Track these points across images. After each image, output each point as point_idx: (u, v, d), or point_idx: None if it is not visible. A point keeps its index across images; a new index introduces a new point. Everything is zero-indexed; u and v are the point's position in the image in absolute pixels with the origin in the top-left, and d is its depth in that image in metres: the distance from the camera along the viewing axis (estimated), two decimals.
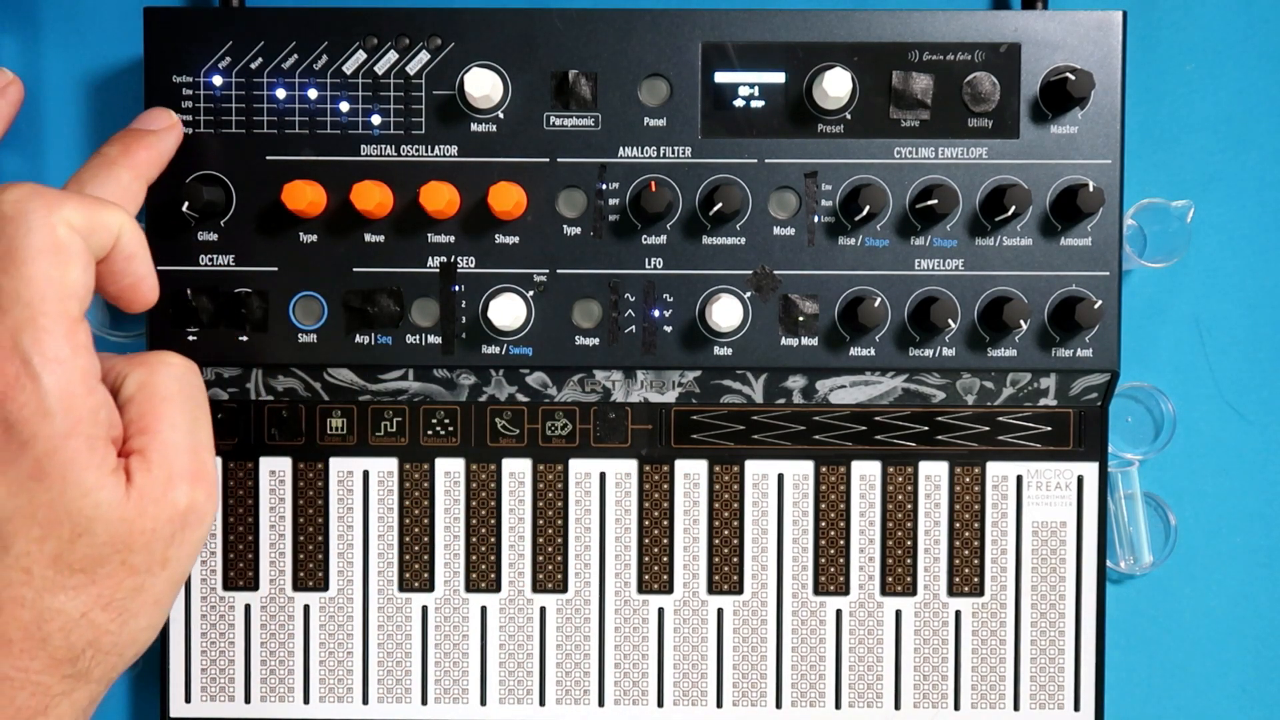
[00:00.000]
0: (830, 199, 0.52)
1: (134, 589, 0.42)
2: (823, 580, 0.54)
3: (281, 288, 0.52)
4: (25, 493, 0.40)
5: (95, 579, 0.41)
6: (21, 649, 0.41)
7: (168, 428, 0.43)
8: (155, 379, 0.44)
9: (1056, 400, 0.53)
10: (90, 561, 0.41)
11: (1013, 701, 0.54)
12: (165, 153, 0.49)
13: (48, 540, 0.40)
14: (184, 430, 0.43)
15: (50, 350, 0.40)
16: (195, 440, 0.44)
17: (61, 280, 0.40)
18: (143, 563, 0.42)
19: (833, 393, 0.53)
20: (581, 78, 0.51)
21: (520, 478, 0.54)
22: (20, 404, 0.39)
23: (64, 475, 0.40)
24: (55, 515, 0.40)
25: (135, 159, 0.47)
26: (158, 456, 0.42)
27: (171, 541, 0.43)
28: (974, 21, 0.51)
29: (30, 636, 0.41)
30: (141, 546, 0.42)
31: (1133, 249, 0.55)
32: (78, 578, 0.41)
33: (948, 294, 0.52)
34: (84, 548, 0.41)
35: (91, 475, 0.40)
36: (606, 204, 0.52)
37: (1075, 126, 0.51)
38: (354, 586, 0.54)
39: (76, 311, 0.41)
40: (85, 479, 0.40)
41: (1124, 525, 0.56)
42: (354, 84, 0.52)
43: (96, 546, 0.41)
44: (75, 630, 0.41)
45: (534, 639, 0.54)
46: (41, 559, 0.40)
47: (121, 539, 0.41)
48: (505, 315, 0.51)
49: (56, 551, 0.41)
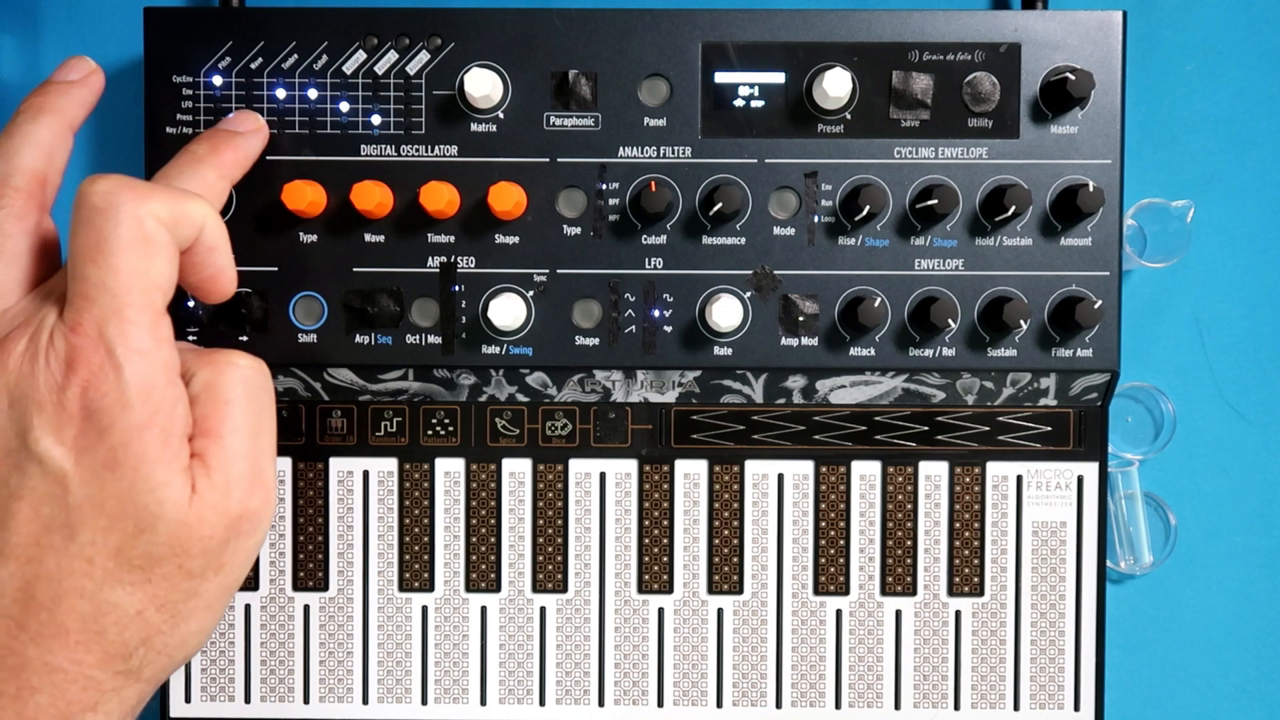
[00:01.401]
0: (830, 199, 0.52)
1: (188, 593, 0.43)
2: (823, 580, 0.54)
3: (281, 288, 0.52)
4: (97, 481, 0.41)
5: (152, 578, 0.42)
6: (78, 640, 0.41)
7: (229, 431, 0.43)
8: (221, 380, 0.44)
9: (1056, 400, 0.53)
10: (149, 560, 0.41)
11: (1013, 701, 0.54)
12: (250, 154, 0.50)
13: (112, 532, 0.41)
14: (246, 435, 0.44)
15: (134, 341, 0.40)
16: (256, 446, 0.44)
17: (147, 272, 0.41)
18: (198, 567, 0.42)
19: (833, 393, 0.53)
20: (581, 78, 0.51)
21: (520, 478, 0.54)
22: (103, 392, 0.40)
23: (136, 468, 0.41)
24: (122, 508, 0.41)
25: (221, 158, 0.48)
26: (217, 462, 0.43)
27: (226, 547, 0.43)
28: (974, 21, 0.51)
29: (87, 629, 0.41)
30: (198, 552, 0.42)
31: (1133, 249, 0.55)
32: (136, 574, 0.41)
33: (948, 294, 0.52)
34: (145, 544, 0.41)
35: (161, 471, 0.41)
36: (606, 204, 0.52)
37: (1075, 126, 0.51)
38: (354, 586, 0.54)
39: (160, 304, 0.41)
40: (155, 474, 0.41)
41: (1124, 525, 0.56)
42: (354, 84, 0.52)
43: (157, 545, 0.41)
44: (130, 627, 0.42)
45: (534, 639, 0.54)
46: (105, 550, 0.41)
47: (180, 541, 0.42)
48: (505, 315, 0.51)
49: (119, 545, 0.41)
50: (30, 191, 0.45)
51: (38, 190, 0.45)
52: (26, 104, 0.47)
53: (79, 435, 0.40)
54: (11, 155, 0.45)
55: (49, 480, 0.40)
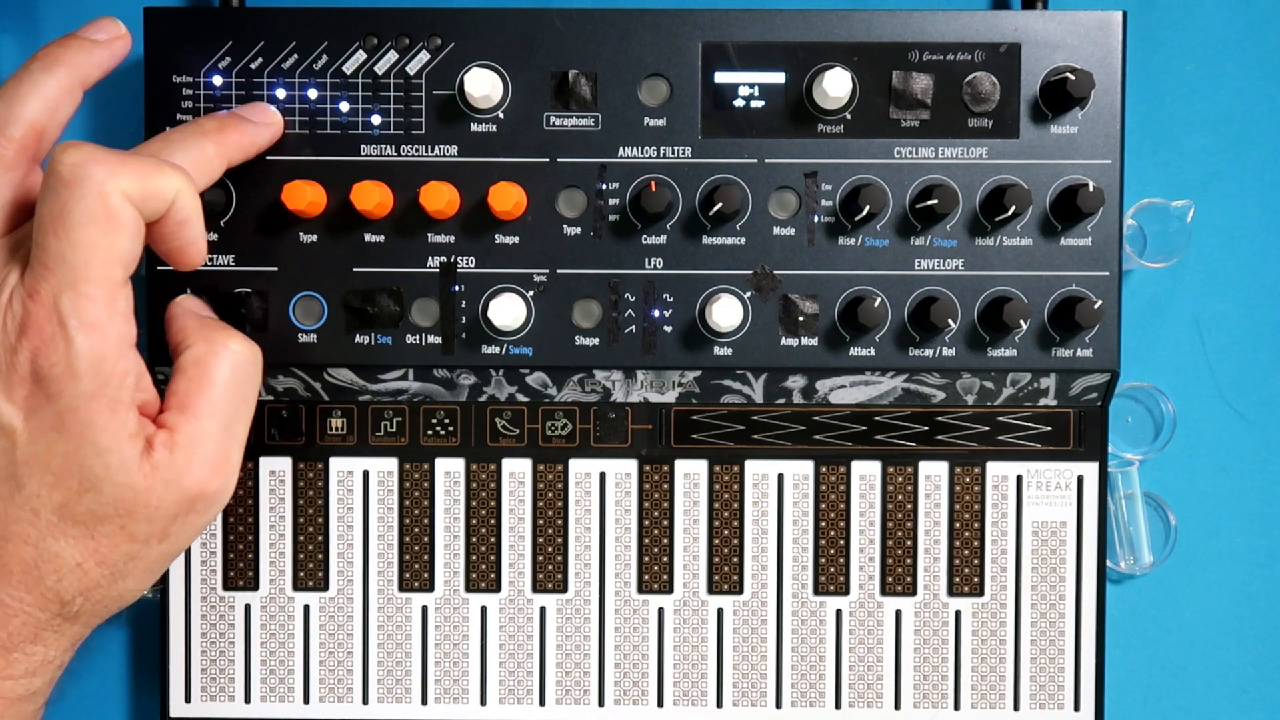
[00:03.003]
0: (830, 199, 0.52)
1: (129, 554, 0.44)
2: (823, 580, 0.54)
3: (281, 288, 0.52)
4: (44, 440, 0.42)
5: (94, 534, 0.43)
6: (19, 581, 0.43)
7: (206, 413, 0.45)
8: (212, 359, 0.45)
9: (1056, 400, 0.53)
10: (92, 517, 0.43)
11: (1013, 701, 0.54)
12: (257, 143, 0.50)
13: (57, 488, 0.42)
14: (221, 418, 0.45)
15: (88, 315, 0.41)
16: (229, 432, 0.45)
17: (109, 248, 0.41)
18: (142, 532, 0.44)
19: (833, 393, 0.53)
20: (581, 78, 0.51)
21: (520, 478, 0.54)
22: (52, 361, 0.41)
23: (81, 432, 0.42)
24: (68, 466, 0.42)
25: (226, 138, 0.48)
26: (185, 439, 0.44)
27: (174, 520, 0.44)
28: (974, 21, 0.51)
29: (28, 572, 0.43)
30: (144, 517, 0.44)
31: (1133, 249, 0.55)
32: (79, 529, 0.43)
33: (948, 294, 0.52)
34: (89, 502, 0.43)
35: (107, 438, 0.42)
36: (606, 204, 0.52)
37: (1075, 126, 0.51)
38: (354, 586, 0.54)
39: (120, 277, 0.42)
40: (101, 439, 0.42)
41: (1124, 525, 0.56)
42: (354, 84, 0.52)
43: (101, 504, 0.43)
44: (69, 576, 0.43)
45: (534, 639, 0.54)
46: (49, 504, 0.42)
47: (125, 504, 0.43)
48: (505, 315, 0.51)
49: (63, 500, 0.42)
50: (24, 143, 0.45)
51: (33, 142, 0.45)
52: (44, 52, 0.47)
53: (28, 396, 0.42)
54: (16, 102, 0.45)
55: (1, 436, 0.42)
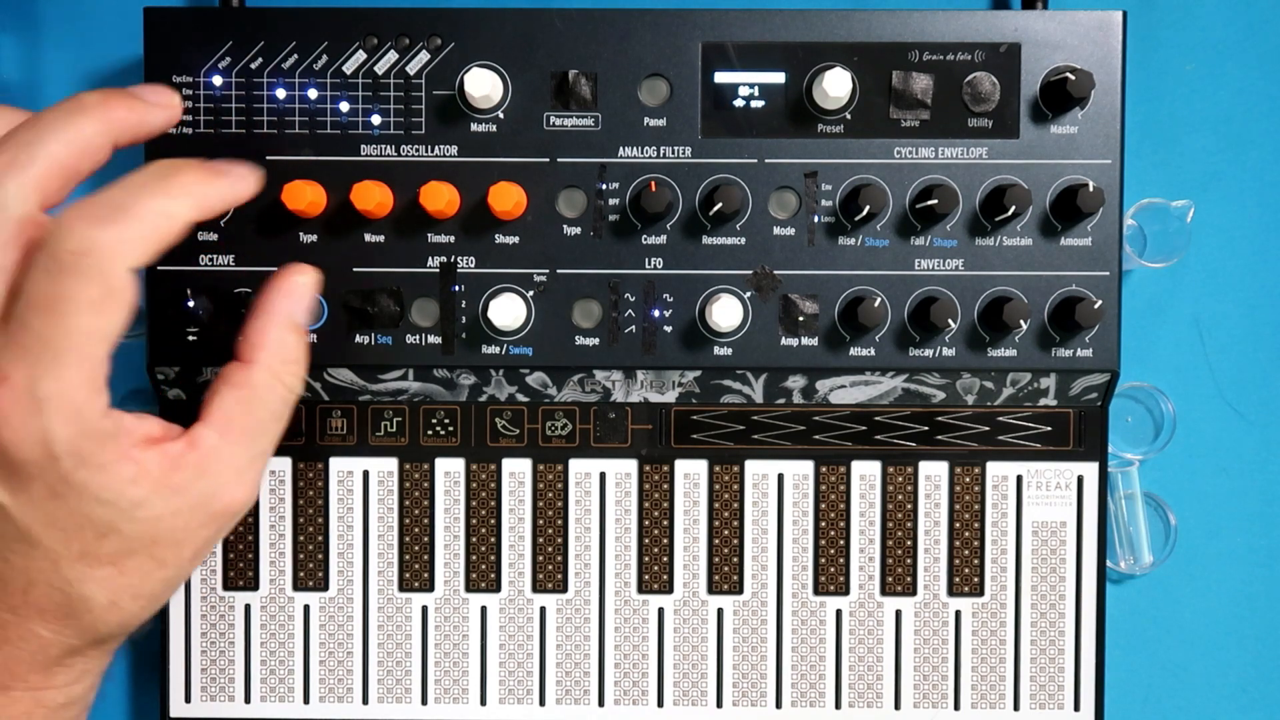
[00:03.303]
0: (830, 199, 0.52)
1: (162, 580, 0.43)
2: (823, 580, 0.54)
3: None
4: (42, 508, 0.40)
5: (124, 571, 0.42)
6: (53, 617, 0.42)
7: (244, 441, 0.43)
8: (267, 392, 0.43)
9: (1056, 400, 0.53)
10: (118, 555, 0.42)
11: (1013, 701, 0.54)
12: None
13: (73, 541, 0.41)
14: (257, 448, 0.43)
15: (66, 399, 0.38)
16: (255, 450, 0.43)
17: (104, 329, 0.38)
18: (171, 556, 0.43)
19: (833, 393, 0.53)
20: (581, 78, 0.51)
21: (520, 478, 0.54)
22: (28, 446, 0.39)
23: (80, 493, 0.40)
24: (77, 521, 0.40)
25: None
26: (215, 464, 0.42)
27: (197, 535, 0.43)
28: (974, 21, 0.51)
29: (61, 613, 0.42)
30: (169, 541, 0.42)
31: (1133, 249, 0.55)
32: (107, 569, 0.42)
33: (948, 294, 0.52)
34: (111, 545, 0.41)
35: (109, 492, 0.40)
36: (606, 204, 0.52)
37: (1075, 126, 0.51)
38: (354, 586, 0.54)
39: (104, 353, 0.39)
40: (104, 495, 0.40)
41: (1124, 525, 0.56)
42: (354, 84, 0.52)
43: (125, 542, 0.41)
44: (105, 615, 0.42)
45: (534, 639, 0.54)
46: (69, 555, 0.41)
47: (150, 535, 0.42)
48: (505, 315, 0.51)
49: (83, 549, 0.41)
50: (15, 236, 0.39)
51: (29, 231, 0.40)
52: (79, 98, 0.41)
53: (9, 476, 0.40)
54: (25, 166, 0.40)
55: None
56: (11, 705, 0.43)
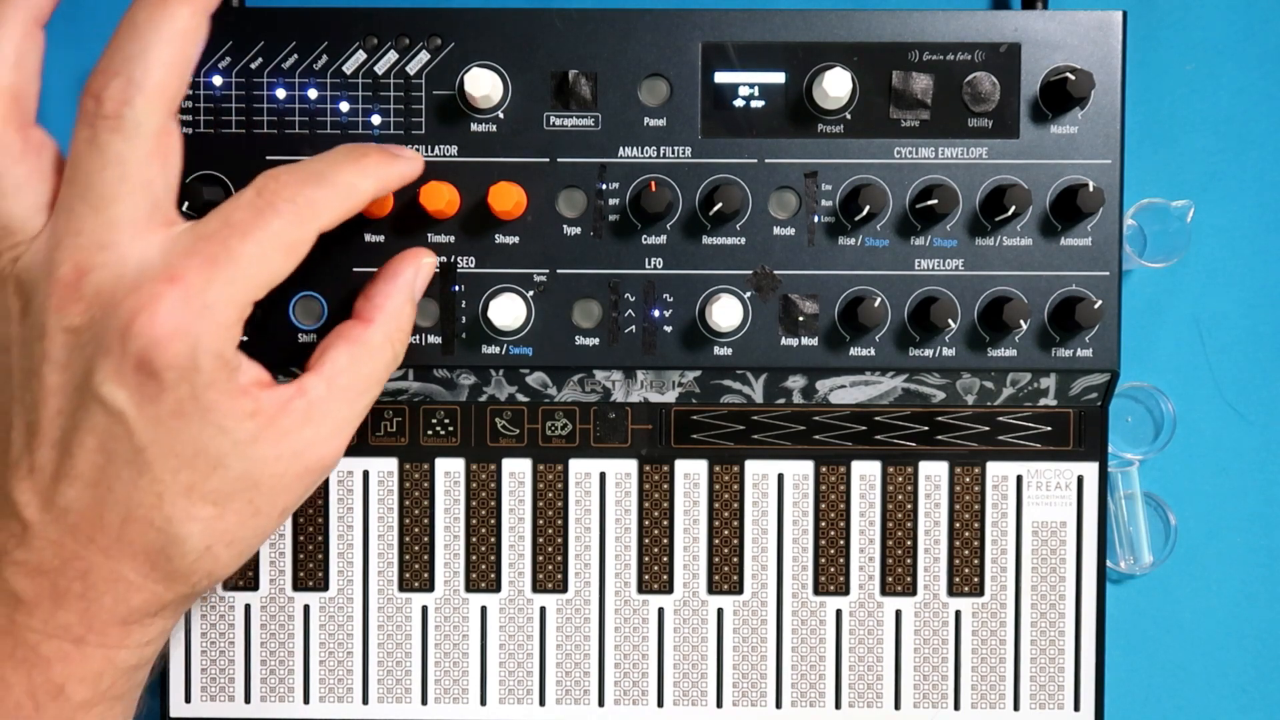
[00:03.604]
0: (830, 199, 0.52)
1: (255, 530, 0.44)
2: (823, 580, 0.54)
3: (281, 288, 0.51)
4: (164, 427, 0.41)
5: (224, 514, 0.43)
6: (144, 560, 0.42)
7: (347, 398, 0.45)
8: (380, 353, 0.46)
9: (1056, 400, 0.53)
10: (222, 495, 0.42)
11: (1013, 701, 0.54)
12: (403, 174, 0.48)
13: (182, 471, 0.42)
14: (359, 406, 0.45)
15: (228, 312, 0.41)
16: (355, 408, 0.45)
17: (275, 269, 0.43)
18: (266, 505, 0.44)
19: (833, 393, 0.53)
20: (581, 78, 0.51)
21: (520, 478, 0.54)
22: (175, 350, 0.40)
23: (204, 416, 0.41)
24: (193, 449, 0.41)
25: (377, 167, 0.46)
26: (319, 414, 0.44)
27: (292, 488, 0.44)
28: (974, 21, 0.51)
29: (154, 554, 0.42)
30: (269, 488, 0.43)
31: (1133, 249, 0.55)
32: (208, 510, 0.42)
33: (948, 294, 0.52)
34: (217, 481, 0.42)
35: (231, 421, 0.42)
36: (606, 204, 0.52)
37: (1075, 126, 0.51)
38: (354, 586, 0.54)
39: (263, 293, 0.42)
40: (226, 422, 0.42)
41: (1124, 525, 0.56)
42: (354, 84, 0.52)
43: (229, 481, 0.42)
44: (196, 562, 0.43)
45: (534, 639, 0.54)
46: (175, 488, 0.42)
47: (253, 478, 0.43)
48: (505, 315, 0.51)
49: (190, 482, 0.42)
50: (5, 117, 0.42)
51: (13, 112, 0.43)
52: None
53: (141, 385, 0.41)
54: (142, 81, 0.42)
55: (112, 420, 0.41)
56: (85, 662, 0.43)
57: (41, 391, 0.42)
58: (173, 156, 0.43)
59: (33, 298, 0.42)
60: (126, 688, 0.45)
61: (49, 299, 0.41)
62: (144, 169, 0.42)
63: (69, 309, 0.41)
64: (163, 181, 0.42)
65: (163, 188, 0.42)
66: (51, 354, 0.41)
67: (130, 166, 0.41)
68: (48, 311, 0.41)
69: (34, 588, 0.42)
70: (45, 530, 0.42)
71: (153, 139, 0.42)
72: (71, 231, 0.42)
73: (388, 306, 0.47)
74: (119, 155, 0.41)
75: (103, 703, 0.44)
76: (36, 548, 0.42)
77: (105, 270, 0.41)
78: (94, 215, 0.41)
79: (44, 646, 0.42)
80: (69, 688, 0.43)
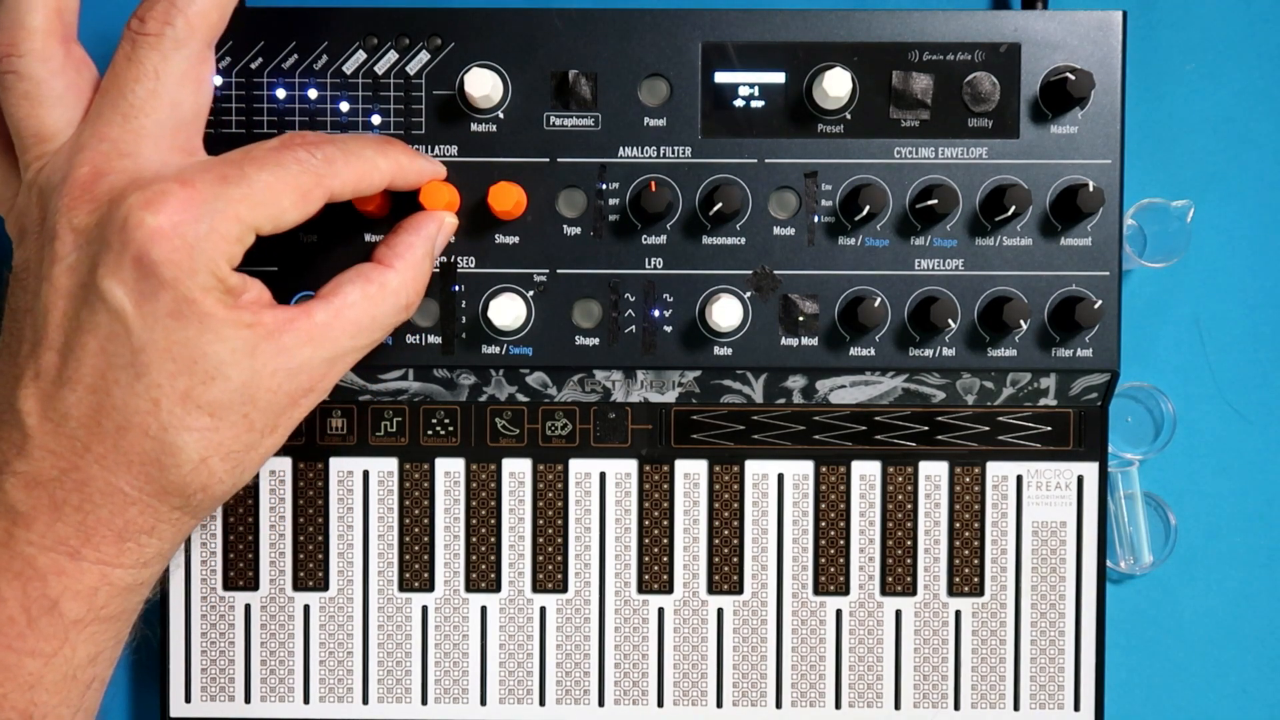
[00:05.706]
0: (830, 199, 0.52)
1: (248, 445, 0.44)
2: (823, 580, 0.54)
3: (282, 288, 0.52)
4: (162, 328, 0.41)
5: (219, 425, 0.43)
6: (139, 471, 0.43)
7: (347, 322, 0.45)
8: (393, 296, 0.46)
9: (1056, 400, 0.53)
10: (218, 406, 0.43)
11: (1013, 701, 0.54)
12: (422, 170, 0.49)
13: (179, 376, 0.42)
14: (354, 332, 0.45)
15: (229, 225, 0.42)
16: (354, 344, 0.46)
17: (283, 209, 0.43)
18: (261, 422, 0.44)
19: (833, 393, 0.53)
20: (581, 78, 0.51)
21: (520, 478, 0.54)
22: (172, 248, 0.41)
23: (202, 320, 0.42)
24: (191, 354, 0.42)
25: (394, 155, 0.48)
26: (318, 337, 0.44)
27: (283, 412, 0.44)
28: (974, 21, 0.51)
29: (148, 466, 0.43)
30: (264, 406, 0.43)
31: (1133, 249, 0.55)
32: (204, 419, 0.43)
33: (948, 294, 0.52)
34: (216, 390, 0.42)
35: (229, 328, 0.42)
36: (606, 204, 0.52)
37: (1075, 126, 0.51)
38: (354, 586, 0.54)
39: (266, 227, 0.43)
40: (224, 329, 0.42)
41: (1124, 525, 0.56)
42: (354, 84, 0.52)
43: (227, 391, 0.42)
44: (193, 474, 0.43)
45: (534, 639, 0.54)
46: (171, 393, 0.42)
47: (249, 391, 0.43)
48: (505, 315, 0.51)
49: (188, 388, 0.42)
50: (48, 30, 0.44)
51: (56, 25, 0.44)
52: None
53: (139, 281, 0.41)
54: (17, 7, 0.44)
55: (112, 318, 0.41)
56: (81, 576, 0.43)
57: (51, 295, 0.42)
58: (205, 86, 0.44)
59: (50, 200, 0.43)
60: (121, 609, 0.45)
61: (62, 199, 0.42)
62: (176, 89, 0.43)
63: (79, 208, 0.42)
64: (192, 106, 0.44)
65: (191, 112, 0.44)
66: (61, 254, 0.42)
67: (163, 82, 0.43)
68: (60, 212, 0.42)
69: (31, 499, 0.42)
70: (44, 440, 0.42)
71: (187, 62, 0.43)
72: (97, 137, 0.43)
73: (408, 256, 0.47)
74: (154, 69, 0.43)
75: (96, 623, 0.44)
76: (35, 458, 0.42)
77: (122, 175, 0.42)
78: (122, 123, 0.43)
79: (40, 560, 0.42)
80: (63, 603, 0.43)
